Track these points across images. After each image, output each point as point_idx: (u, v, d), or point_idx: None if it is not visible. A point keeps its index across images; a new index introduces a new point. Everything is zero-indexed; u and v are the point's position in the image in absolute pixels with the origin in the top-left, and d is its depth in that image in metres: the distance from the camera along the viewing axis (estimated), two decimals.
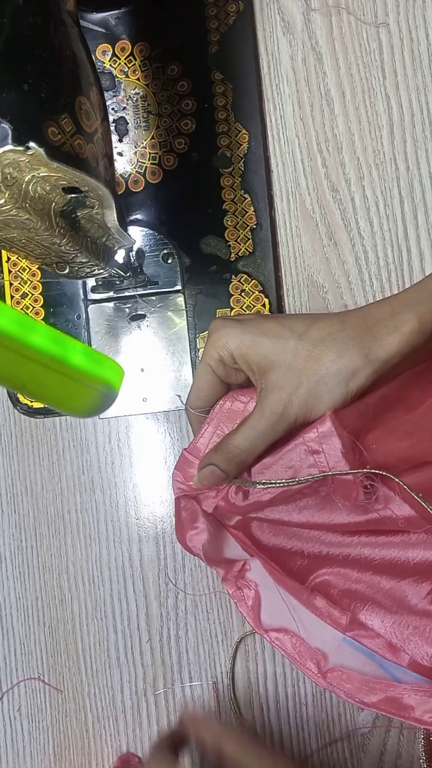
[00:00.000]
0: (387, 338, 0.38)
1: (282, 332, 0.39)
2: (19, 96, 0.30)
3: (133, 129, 0.54)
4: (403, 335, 0.37)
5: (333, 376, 0.37)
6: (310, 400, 0.38)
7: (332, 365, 0.37)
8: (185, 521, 0.44)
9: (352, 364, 0.37)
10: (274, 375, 0.38)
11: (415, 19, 0.53)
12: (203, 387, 0.42)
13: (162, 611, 0.54)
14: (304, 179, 0.54)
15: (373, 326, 0.38)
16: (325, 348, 0.38)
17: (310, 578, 0.44)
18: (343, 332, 0.38)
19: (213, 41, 0.54)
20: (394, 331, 0.38)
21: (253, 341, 0.38)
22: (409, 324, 0.38)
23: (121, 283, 0.53)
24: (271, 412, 0.38)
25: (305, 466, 0.39)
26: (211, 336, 0.40)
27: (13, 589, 0.56)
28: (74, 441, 0.56)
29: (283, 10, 0.55)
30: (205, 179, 0.54)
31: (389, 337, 0.38)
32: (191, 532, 0.44)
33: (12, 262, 0.55)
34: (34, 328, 0.29)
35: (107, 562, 0.55)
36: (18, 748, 0.55)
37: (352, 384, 0.37)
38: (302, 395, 0.38)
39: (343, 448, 0.38)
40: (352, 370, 0.37)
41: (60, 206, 0.36)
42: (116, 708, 0.54)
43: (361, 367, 0.37)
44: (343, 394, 0.38)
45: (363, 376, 0.37)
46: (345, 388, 0.38)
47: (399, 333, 0.37)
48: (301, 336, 0.38)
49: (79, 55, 0.35)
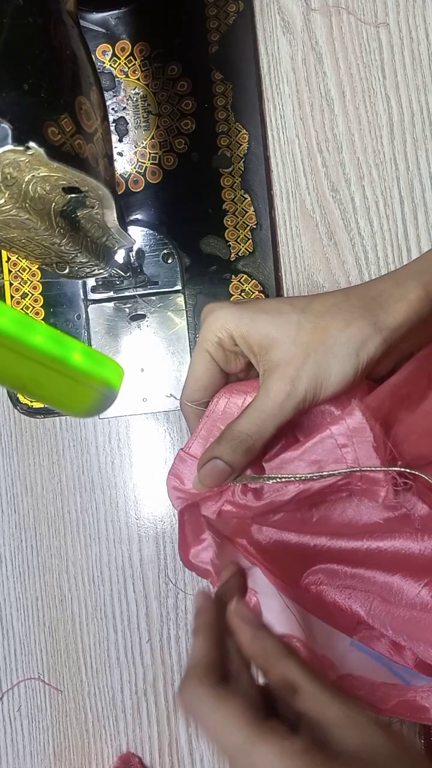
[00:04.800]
0: (394, 306, 0.36)
1: (282, 308, 0.36)
2: (19, 96, 0.30)
3: (133, 129, 0.54)
4: (410, 303, 0.36)
5: (342, 346, 0.35)
6: (319, 374, 0.35)
7: (340, 334, 0.35)
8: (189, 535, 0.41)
9: (361, 332, 0.35)
10: (278, 352, 0.35)
11: (415, 19, 0.53)
12: (201, 376, 0.38)
13: (162, 611, 0.54)
14: (304, 179, 0.54)
15: (378, 296, 0.36)
16: (330, 318, 0.35)
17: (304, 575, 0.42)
18: (348, 302, 0.36)
19: (213, 41, 0.54)
20: (400, 299, 0.36)
21: (252, 319, 0.36)
22: (415, 292, 0.36)
23: (121, 283, 0.53)
24: (278, 390, 0.35)
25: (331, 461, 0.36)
26: (207, 319, 0.37)
27: (13, 589, 0.56)
28: (74, 441, 0.56)
29: (283, 10, 0.55)
30: (205, 179, 0.54)
31: (396, 305, 0.36)
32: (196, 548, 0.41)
33: (12, 262, 0.55)
34: (34, 328, 0.29)
35: (107, 562, 0.55)
36: (18, 748, 0.55)
37: (363, 354, 0.35)
38: (310, 369, 0.35)
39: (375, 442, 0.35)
40: (362, 339, 0.35)
41: (60, 206, 0.36)
42: (116, 708, 0.54)
43: (371, 336, 0.35)
44: (354, 365, 0.35)
45: (373, 346, 0.35)
46: (356, 359, 0.35)
47: (405, 300, 0.36)
48: (303, 309, 0.36)
49: (79, 55, 0.35)
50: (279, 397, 0.35)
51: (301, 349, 0.35)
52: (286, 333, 0.35)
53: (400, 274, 0.37)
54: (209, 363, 0.38)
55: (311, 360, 0.35)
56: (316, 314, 0.36)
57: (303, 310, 0.36)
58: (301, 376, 0.35)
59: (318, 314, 0.36)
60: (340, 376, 0.35)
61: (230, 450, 0.36)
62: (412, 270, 0.37)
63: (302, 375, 0.35)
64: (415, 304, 0.36)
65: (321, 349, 0.35)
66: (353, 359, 0.35)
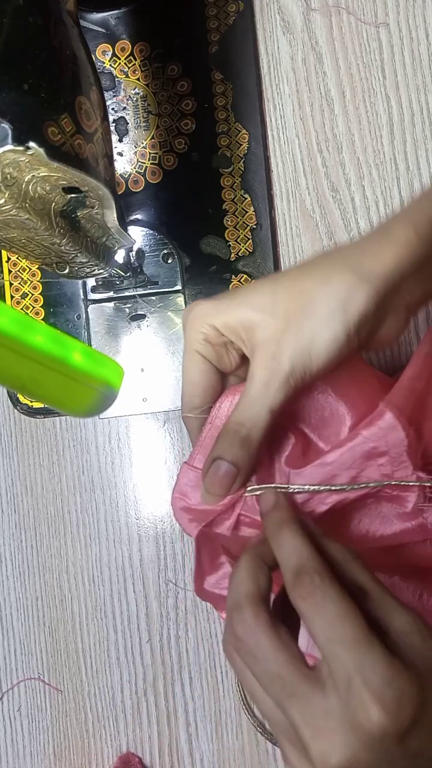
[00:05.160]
0: (378, 249, 0.32)
1: (257, 284, 0.33)
2: (19, 96, 0.30)
3: (133, 129, 0.54)
4: (398, 246, 0.32)
5: (324, 304, 0.31)
6: (303, 341, 0.31)
7: (320, 292, 0.31)
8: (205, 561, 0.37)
9: (343, 284, 0.31)
10: (260, 331, 0.32)
11: (415, 19, 0.53)
12: (196, 380, 0.35)
13: (162, 611, 0.54)
14: (304, 179, 0.54)
15: (362, 245, 0.32)
16: (307, 278, 0.32)
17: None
18: (327, 258, 0.32)
19: (213, 41, 0.54)
20: (385, 241, 0.32)
21: (229, 304, 0.33)
22: (403, 234, 0.32)
23: (121, 283, 0.53)
24: (261, 368, 0.32)
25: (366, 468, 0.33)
26: (188, 318, 0.34)
27: (13, 589, 0.56)
28: (74, 441, 0.56)
29: (283, 9, 0.55)
30: (205, 179, 0.54)
31: (381, 248, 0.32)
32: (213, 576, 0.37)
33: (12, 262, 0.55)
34: (34, 328, 0.29)
35: (107, 562, 0.55)
36: (18, 748, 0.55)
37: (351, 308, 0.31)
38: (292, 338, 0.31)
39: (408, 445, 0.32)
40: (346, 291, 0.31)
41: (60, 206, 0.36)
42: (116, 708, 0.54)
43: (355, 286, 0.31)
44: (344, 324, 0.31)
45: (361, 297, 0.31)
46: (343, 316, 0.31)
47: (392, 242, 0.32)
48: (276, 279, 0.33)
49: (79, 55, 0.35)
50: (263, 375, 0.32)
51: (280, 320, 0.32)
52: (263, 307, 0.32)
53: (387, 222, 0.33)
54: (202, 364, 0.35)
55: (292, 328, 0.31)
56: (291, 279, 0.33)
57: (276, 279, 0.33)
58: (282, 348, 0.32)
59: (294, 278, 0.32)
60: (330, 338, 0.31)
61: (228, 446, 0.33)
62: (400, 214, 0.33)
63: (284, 346, 0.32)
64: (405, 246, 0.32)
65: (301, 313, 0.31)
66: (340, 316, 0.31)
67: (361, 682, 0.26)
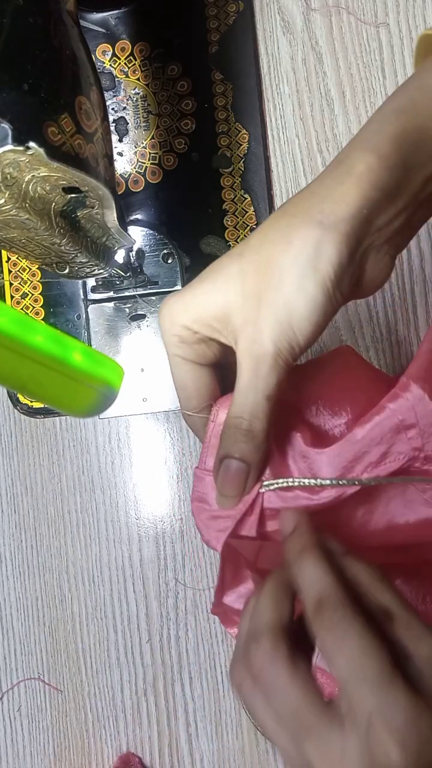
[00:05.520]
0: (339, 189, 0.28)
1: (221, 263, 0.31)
2: (19, 96, 0.30)
3: (133, 129, 0.54)
4: (359, 178, 0.28)
5: (291, 269, 0.28)
6: (280, 314, 0.29)
7: (284, 257, 0.29)
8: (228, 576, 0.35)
9: (307, 242, 0.28)
10: (234, 317, 0.30)
11: (415, 19, 0.53)
12: (186, 384, 0.33)
13: (162, 611, 0.54)
14: (304, 179, 0.54)
15: (318, 188, 0.29)
16: (269, 245, 0.29)
17: None
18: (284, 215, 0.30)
19: (213, 41, 0.54)
20: (345, 178, 0.29)
21: (196, 295, 0.31)
22: (362, 161, 0.29)
23: (121, 283, 0.53)
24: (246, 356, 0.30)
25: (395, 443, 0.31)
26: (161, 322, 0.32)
27: (13, 589, 0.56)
28: (74, 441, 0.56)
29: (283, 10, 0.55)
30: (205, 179, 0.54)
31: (341, 188, 0.28)
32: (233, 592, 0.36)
33: (12, 262, 0.55)
34: (34, 328, 0.29)
35: (107, 562, 0.55)
36: (18, 748, 0.55)
37: (323, 265, 0.28)
38: (268, 315, 0.29)
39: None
40: (312, 248, 0.28)
41: (60, 206, 0.36)
42: (116, 708, 0.55)
43: (321, 239, 0.28)
44: (319, 283, 0.28)
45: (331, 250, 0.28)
46: (317, 276, 0.28)
47: (352, 177, 0.28)
48: (240, 252, 0.30)
49: (79, 55, 0.35)
50: (249, 363, 0.30)
51: (252, 299, 0.29)
52: (233, 290, 0.30)
53: (342, 154, 0.30)
54: (186, 365, 0.33)
55: (265, 305, 0.29)
56: (254, 250, 0.30)
57: (241, 253, 0.30)
58: (261, 329, 0.29)
59: (256, 248, 0.30)
60: (308, 304, 0.29)
61: (232, 442, 0.31)
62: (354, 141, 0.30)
63: (263, 327, 0.29)
64: (368, 176, 0.28)
65: (271, 285, 0.29)
66: (312, 277, 0.28)
67: (381, 722, 0.25)
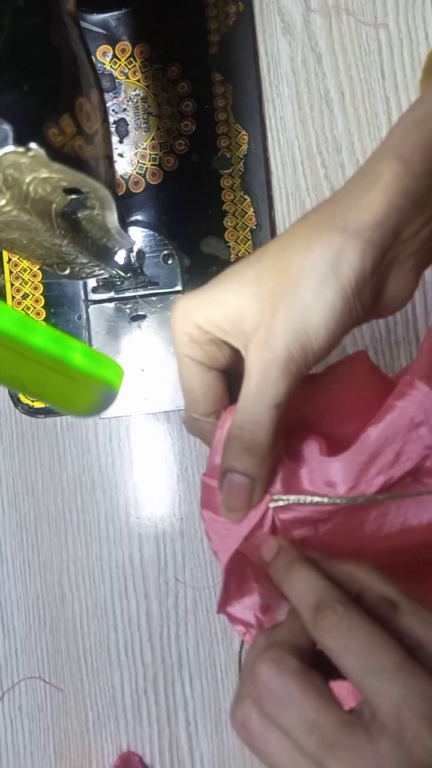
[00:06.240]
0: (364, 198, 0.28)
1: (238, 267, 0.30)
2: (19, 97, 0.30)
3: (133, 130, 0.55)
4: (386, 185, 0.28)
5: (311, 273, 0.27)
6: (297, 319, 0.28)
7: (304, 262, 0.28)
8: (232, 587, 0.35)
9: (329, 247, 0.27)
10: (247, 320, 0.29)
11: (414, 19, 0.54)
12: (193, 386, 0.32)
13: (162, 610, 0.54)
14: (304, 180, 0.54)
15: (343, 198, 0.29)
16: (289, 250, 0.29)
17: None
18: (307, 221, 0.29)
19: (213, 42, 0.54)
20: (371, 187, 0.28)
21: (210, 295, 0.30)
22: (389, 170, 0.28)
23: (121, 284, 0.53)
24: (255, 361, 0.28)
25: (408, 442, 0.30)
26: (172, 321, 0.31)
27: (14, 588, 0.56)
28: (75, 441, 0.56)
29: (283, 11, 0.55)
30: (205, 180, 0.54)
31: (367, 196, 0.28)
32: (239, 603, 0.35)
33: (13, 262, 0.55)
34: (35, 329, 0.29)
35: (108, 561, 0.55)
36: (18, 747, 0.55)
37: (344, 272, 0.27)
38: (283, 319, 0.28)
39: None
40: (333, 253, 0.27)
41: (61, 207, 0.37)
42: (117, 707, 0.55)
43: (344, 244, 0.27)
44: (339, 290, 0.27)
45: (352, 256, 0.27)
46: (337, 282, 0.27)
47: (378, 185, 0.28)
48: (258, 258, 0.29)
49: (80, 56, 0.35)
50: (259, 368, 0.28)
51: (268, 303, 0.28)
52: (248, 293, 0.29)
53: (367, 163, 0.29)
54: (194, 367, 0.32)
55: (281, 308, 0.28)
56: (272, 256, 0.29)
57: (259, 258, 0.29)
58: (274, 332, 0.28)
59: (274, 254, 0.29)
60: (326, 310, 0.28)
61: (234, 455, 0.30)
62: (380, 150, 0.29)
63: (276, 331, 0.28)
64: (395, 184, 0.28)
65: (289, 290, 0.28)
66: (332, 283, 0.27)
67: (410, 713, 0.24)
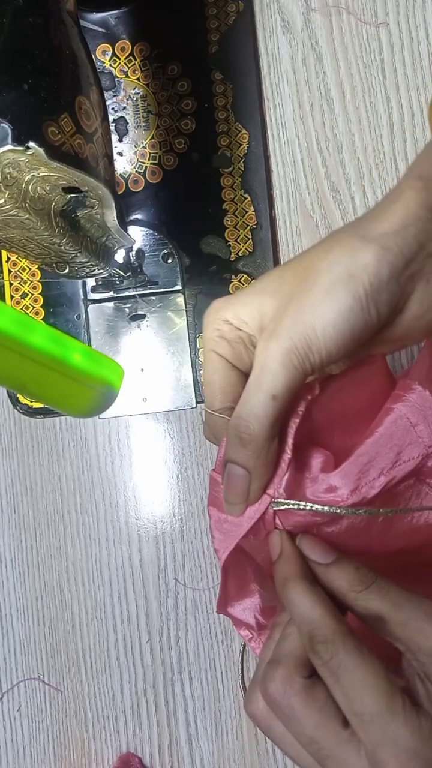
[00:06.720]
0: (385, 212, 0.29)
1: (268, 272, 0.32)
2: (19, 96, 0.30)
3: (133, 129, 0.54)
4: (406, 200, 0.29)
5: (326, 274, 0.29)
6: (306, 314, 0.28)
7: (322, 262, 0.29)
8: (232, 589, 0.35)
9: (346, 250, 0.28)
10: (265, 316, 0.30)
11: (415, 19, 0.53)
12: (214, 380, 0.33)
13: (162, 611, 0.54)
14: (304, 179, 0.54)
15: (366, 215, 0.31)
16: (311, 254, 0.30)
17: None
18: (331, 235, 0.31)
19: (213, 41, 0.54)
20: (392, 203, 0.29)
21: (239, 296, 0.32)
22: (409, 188, 0.29)
23: (121, 283, 0.53)
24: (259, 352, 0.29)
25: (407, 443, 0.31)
26: (205, 319, 0.33)
27: (13, 589, 0.56)
28: (74, 441, 0.56)
29: (283, 9, 0.55)
30: (205, 179, 0.54)
31: (388, 210, 0.29)
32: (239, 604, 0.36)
33: (12, 261, 0.55)
34: (34, 328, 0.29)
35: (107, 562, 0.55)
36: (18, 749, 0.55)
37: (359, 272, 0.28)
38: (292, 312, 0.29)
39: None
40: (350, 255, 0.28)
41: (60, 206, 0.36)
42: (116, 708, 0.54)
43: (362, 248, 0.28)
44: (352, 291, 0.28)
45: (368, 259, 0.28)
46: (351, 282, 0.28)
47: (400, 200, 0.29)
48: (285, 264, 0.31)
49: (79, 55, 0.35)
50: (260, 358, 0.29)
51: (285, 300, 0.30)
52: (269, 291, 0.30)
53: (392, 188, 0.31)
54: (218, 362, 0.32)
55: (293, 304, 0.29)
56: (296, 260, 0.31)
57: (285, 264, 0.31)
58: (281, 324, 0.29)
59: (298, 259, 0.31)
60: (336, 308, 0.28)
61: (232, 446, 0.30)
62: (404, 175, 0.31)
63: (283, 322, 0.29)
64: (415, 196, 0.29)
65: (304, 287, 0.29)
66: (347, 281, 0.28)
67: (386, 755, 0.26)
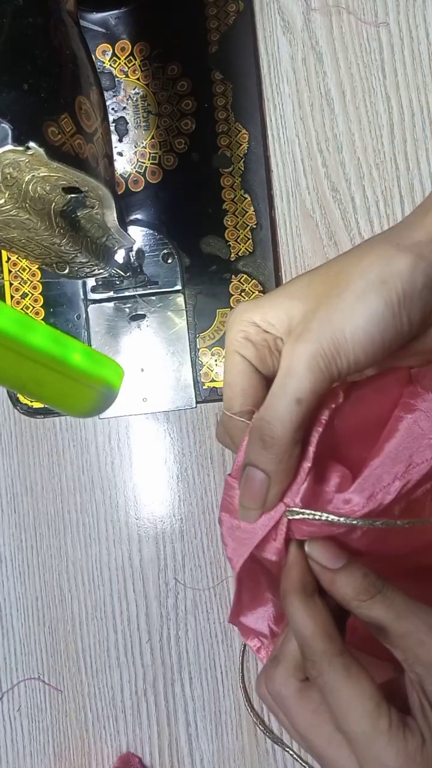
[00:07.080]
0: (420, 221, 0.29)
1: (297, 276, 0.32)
2: (19, 96, 0.30)
3: (133, 129, 0.54)
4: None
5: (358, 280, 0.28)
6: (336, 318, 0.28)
7: (354, 268, 0.29)
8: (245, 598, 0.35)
9: (380, 256, 0.28)
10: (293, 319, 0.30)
11: (415, 18, 0.53)
12: (235, 382, 0.32)
13: (162, 611, 0.54)
14: (304, 179, 0.54)
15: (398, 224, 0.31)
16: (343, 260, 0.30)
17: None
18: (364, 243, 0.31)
19: (213, 41, 0.54)
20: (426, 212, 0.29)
21: (270, 298, 0.31)
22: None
23: (121, 283, 0.53)
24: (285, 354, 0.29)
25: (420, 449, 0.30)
26: (229, 319, 0.32)
27: (13, 589, 0.56)
28: (74, 441, 0.56)
29: (283, 9, 0.55)
30: (205, 179, 0.54)
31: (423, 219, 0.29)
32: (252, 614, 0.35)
33: (12, 262, 0.55)
34: (34, 328, 0.29)
35: (107, 562, 0.55)
36: (18, 748, 0.55)
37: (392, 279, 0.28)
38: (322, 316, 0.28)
39: None
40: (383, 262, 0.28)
41: (60, 206, 0.36)
42: (116, 708, 0.54)
43: (396, 255, 0.28)
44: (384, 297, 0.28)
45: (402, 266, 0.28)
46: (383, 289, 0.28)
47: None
48: (315, 269, 0.31)
49: (79, 55, 0.35)
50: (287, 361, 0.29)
51: (313, 303, 0.29)
52: (298, 295, 0.30)
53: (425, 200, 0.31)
54: (241, 364, 0.32)
55: (323, 307, 0.29)
56: (327, 266, 0.30)
57: (315, 269, 0.31)
58: (310, 327, 0.28)
59: (329, 264, 0.30)
60: (367, 314, 0.28)
61: (254, 449, 0.29)
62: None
63: (311, 325, 0.28)
64: None
65: (334, 292, 0.29)
66: (379, 288, 0.28)
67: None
